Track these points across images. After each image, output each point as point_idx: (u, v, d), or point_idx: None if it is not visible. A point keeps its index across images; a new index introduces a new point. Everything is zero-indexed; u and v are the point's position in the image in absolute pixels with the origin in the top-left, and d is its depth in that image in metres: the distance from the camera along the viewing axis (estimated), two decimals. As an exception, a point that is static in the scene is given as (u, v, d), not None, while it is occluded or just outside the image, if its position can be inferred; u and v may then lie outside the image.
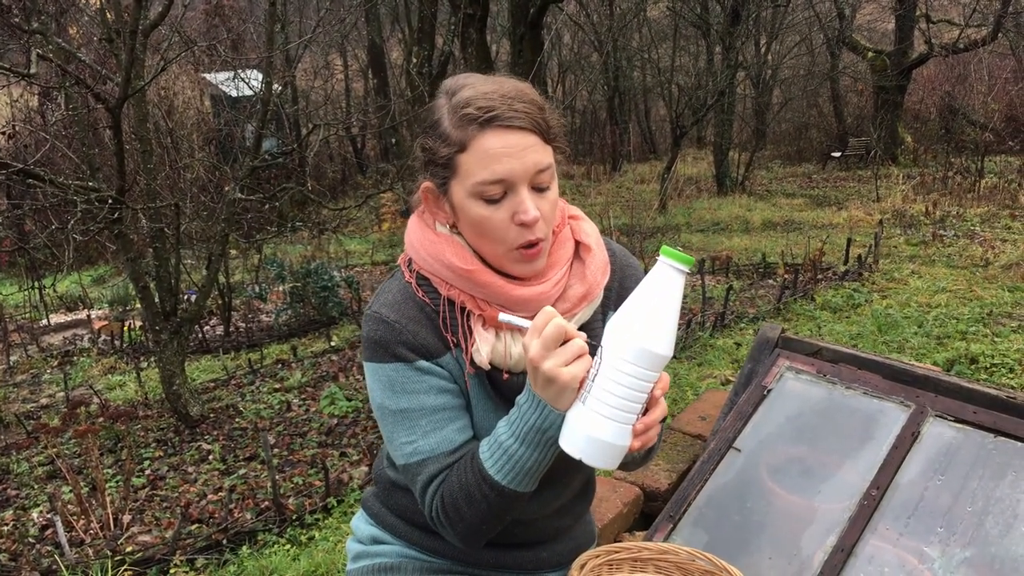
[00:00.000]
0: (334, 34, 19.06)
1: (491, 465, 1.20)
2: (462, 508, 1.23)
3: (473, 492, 1.22)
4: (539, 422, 1.16)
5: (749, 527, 1.89)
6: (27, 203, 7.68)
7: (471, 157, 1.18)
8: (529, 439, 1.17)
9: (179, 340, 5.51)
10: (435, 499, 1.26)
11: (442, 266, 1.27)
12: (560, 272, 1.31)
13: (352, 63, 24.82)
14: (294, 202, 13.69)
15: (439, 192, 1.27)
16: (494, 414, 1.32)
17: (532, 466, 1.19)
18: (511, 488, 1.20)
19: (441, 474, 1.26)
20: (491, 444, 1.21)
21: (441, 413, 1.28)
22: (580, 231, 1.37)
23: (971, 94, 19.66)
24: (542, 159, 1.20)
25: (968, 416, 1.86)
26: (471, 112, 1.18)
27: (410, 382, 1.27)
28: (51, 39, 4.90)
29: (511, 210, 1.20)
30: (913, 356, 5.36)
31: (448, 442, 1.27)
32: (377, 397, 1.30)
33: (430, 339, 1.28)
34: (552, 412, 1.15)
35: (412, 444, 1.27)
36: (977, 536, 1.68)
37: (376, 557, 1.51)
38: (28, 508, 4.60)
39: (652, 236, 12.20)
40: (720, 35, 16.48)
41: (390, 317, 1.28)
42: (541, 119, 1.21)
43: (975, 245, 9.32)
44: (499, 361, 1.29)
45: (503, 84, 1.22)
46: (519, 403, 1.20)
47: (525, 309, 1.27)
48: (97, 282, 12.40)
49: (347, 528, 3.87)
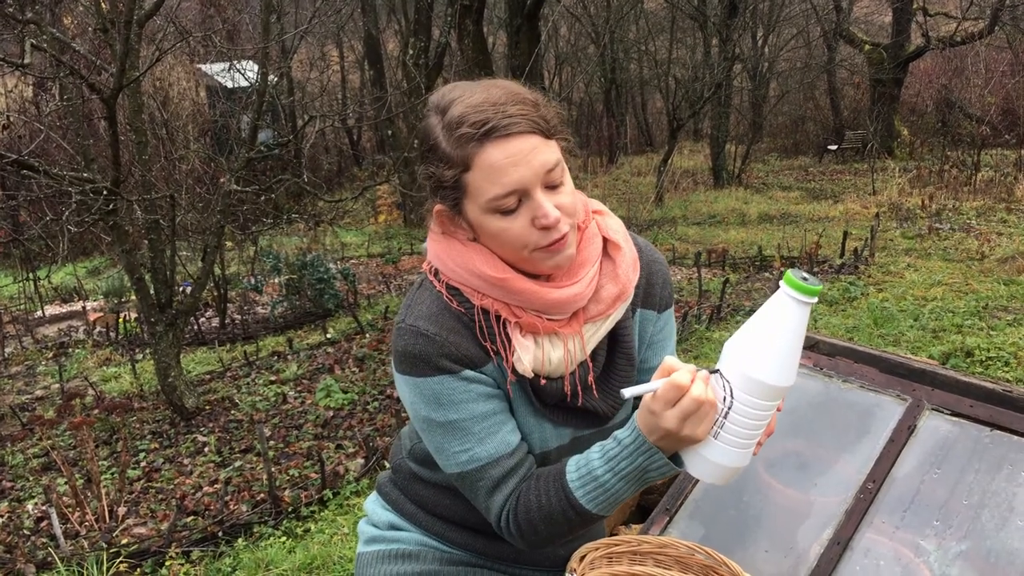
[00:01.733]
0: (330, 25, 19.00)
1: (582, 495, 1.20)
2: (539, 526, 1.24)
3: (555, 515, 1.22)
4: (646, 463, 1.16)
5: (745, 520, 1.89)
6: (22, 194, 7.66)
7: (477, 175, 1.16)
8: (631, 477, 1.18)
9: (174, 332, 5.50)
10: (506, 511, 1.26)
11: (473, 276, 1.24)
12: (591, 270, 1.28)
13: (348, 54, 24.74)
14: (290, 194, 13.66)
15: (452, 213, 1.24)
16: (532, 419, 1.31)
17: (625, 497, 1.21)
18: (597, 514, 1.22)
19: (508, 479, 1.26)
20: (582, 473, 1.21)
21: (493, 418, 1.26)
22: (607, 227, 1.33)
23: (968, 87, 19.68)
24: (549, 158, 1.17)
25: (964, 410, 1.86)
26: (466, 131, 1.14)
27: (457, 393, 1.25)
28: (45, 29, 4.87)
29: (530, 216, 1.18)
30: (909, 349, 5.37)
31: (506, 444, 1.26)
32: (421, 411, 1.27)
33: (472, 349, 1.26)
34: (661, 457, 1.16)
35: (468, 452, 1.26)
36: (973, 529, 1.68)
37: (393, 543, 1.50)
38: (23, 500, 4.60)
39: (648, 229, 12.21)
40: (717, 27, 16.47)
41: (429, 330, 1.25)
42: (538, 117, 1.18)
43: (971, 238, 9.33)
44: (538, 367, 1.26)
45: (492, 90, 1.18)
46: (621, 441, 1.18)
47: (560, 312, 1.25)
48: (92, 273, 12.37)
49: (343, 521, 3.87)
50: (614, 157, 22.55)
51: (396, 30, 20.78)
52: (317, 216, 12.66)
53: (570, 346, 1.27)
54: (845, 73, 23.27)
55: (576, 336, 1.27)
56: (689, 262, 9.65)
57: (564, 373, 1.28)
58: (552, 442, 1.33)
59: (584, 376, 1.31)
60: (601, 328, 1.30)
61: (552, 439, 1.33)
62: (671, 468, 1.17)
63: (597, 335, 1.30)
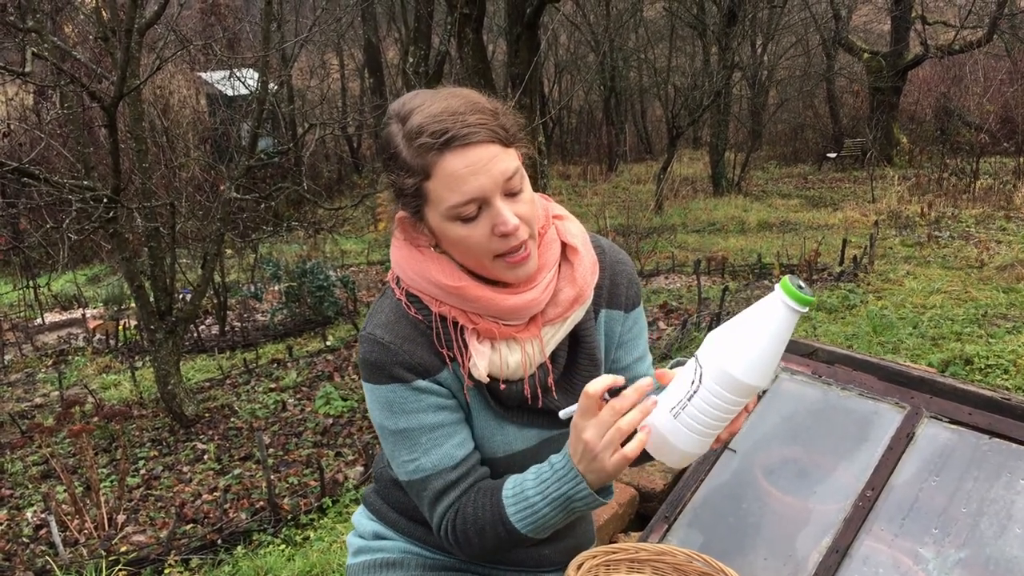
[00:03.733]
0: (330, 33, 19.03)
1: (513, 513, 1.23)
2: (473, 539, 1.27)
3: (487, 529, 1.25)
4: (572, 492, 1.19)
5: (744, 528, 1.89)
6: (22, 202, 7.67)
7: (437, 183, 1.17)
8: (558, 504, 1.20)
9: (174, 339, 5.50)
10: (445, 522, 1.30)
11: (431, 284, 1.27)
12: (548, 276, 1.30)
13: (348, 62, 24.77)
14: (290, 201, 13.68)
15: (414, 219, 1.27)
16: (494, 423, 1.33)
17: (555, 524, 1.24)
18: (527, 535, 1.24)
19: (448, 492, 1.29)
20: (516, 493, 1.24)
21: (440, 430, 1.29)
22: (565, 232, 1.35)
23: (966, 95, 19.70)
24: (508, 166, 1.19)
25: (963, 417, 1.86)
26: (426, 140, 1.16)
27: (408, 402, 1.28)
28: (46, 37, 4.89)
29: (490, 223, 1.19)
30: (908, 357, 5.37)
31: (449, 458, 1.29)
32: (377, 417, 1.32)
33: (426, 357, 1.28)
34: (585, 489, 1.18)
35: (414, 462, 1.29)
36: (972, 537, 1.68)
37: (377, 552, 1.52)
38: (22, 508, 4.59)
39: (648, 236, 12.21)
40: (716, 36, 16.51)
41: (384, 338, 1.28)
42: (496, 126, 1.19)
43: (970, 246, 9.34)
44: (496, 372, 1.28)
45: (451, 100, 1.19)
46: (553, 465, 1.22)
47: (516, 317, 1.27)
48: (92, 281, 12.36)
49: (342, 528, 3.87)
50: (614, 165, 22.57)
51: (396, 38, 20.81)
52: (317, 224, 12.65)
53: (528, 349, 1.29)
54: (844, 81, 23.30)
55: (535, 340, 1.30)
56: (688, 270, 9.65)
57: (523, 376, 1.30)
58: (517, 444, 1.35)
59: (544, 378, 1.33)
60: (560, 330, 1.32)
61: (517, 442, 1.35)
62: (595, 500, 1.19)
63: (556, 337, 1.32)
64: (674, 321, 7.07)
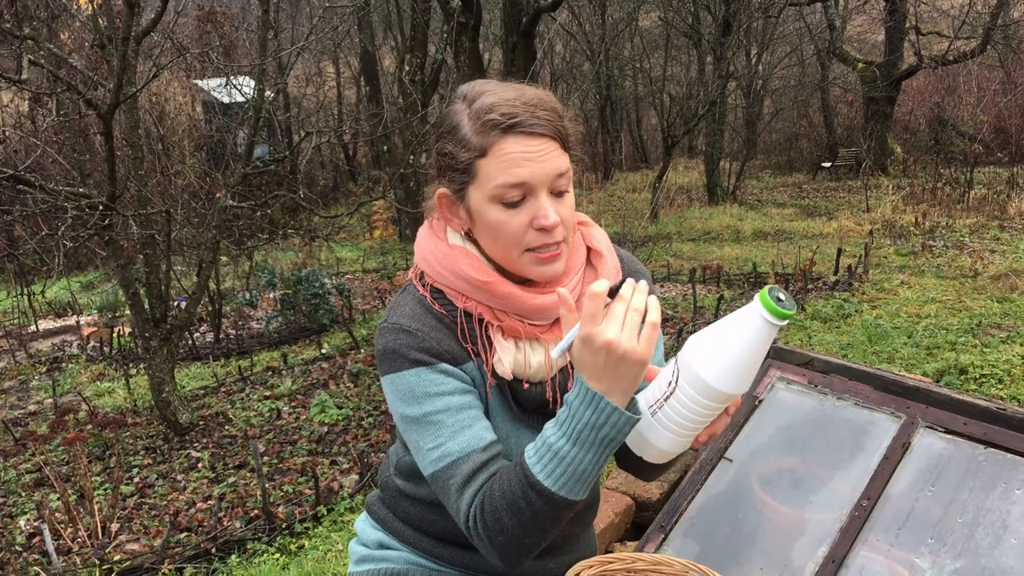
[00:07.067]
0: (327, 41, 19.05)
1: (539, 470, 1.12)
2: (503, 519, 1.15)
3: (518, 500, 1.14)
4: (594, 418, 1.09)
5: (740, 538, 1.89)
6: (17, 209, 7.65)
7: (492, 162, 1.19)
8: (584, 438, 1.10)
9: (169, 347, 5.49)
10: (473, 507, 1.19)
11: (457, 278, 1.27)
12: (575, 278, 1.31)
13: (344, 70, 24.80)
14: (285, 209, 13.67)
15: (455, 198, 1.27)
16: (511, 425, 1.31)
17: (586, 468, 1.12)
18: (561, 495, 1.12)
19: (477, 476, 1.20)
20: (538, 447, 1.14)
21: (468, 411, 1.24)
22: (591, 237, 1.38)
23: (960, 105, 19.79)
24: (561, 164, 1.21)
25: (959, 427, 1.86)
26: (494, 118, 1.18)
27: (432, 384, 1.24)
28: (42, 44, 4.89)
29: (530, 215, 1.21)
30: (903, 366, 5.37)
31: (478, 439, 1.22)
32: (398, 408, 1.26)
33: (453, 346, 1.27)
34: (608, 405, 1.09)
35: (440, 447, 1.22)
36: (967, 547, 1.69)
37: (382, 562, 1.50)
38: (15, 516, 4.57)
39: (643, 245, 12.23)
40: (711, 45, 16.57)
41: (411, 326, 1.26)
42: (561, 126, 1.22)
43: (964, 256, 9.37)
44: (519, 371, 1.28)
45: (524, 91, 1.22)
46: (568, 401, 1.13)
47: (543, 317, 1.28)
48: (86, 288, 12.34)
49: (337, 537, 3.86)
50: (609, 173, 22.61)
51: (392, 46, 20.84)
52: (312, 231, 12.66)
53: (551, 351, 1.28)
54: (838, 91, 23.39)
55: (558, 341, 1.28)
56: (684, 278, 9.67)
57: (544, 378, 1.30)
58: None
59: (564, 382, 1.33)
60: None
61: None
62: (622, 415, 1.09)
63: None
64: (669, 330, 7.07)
